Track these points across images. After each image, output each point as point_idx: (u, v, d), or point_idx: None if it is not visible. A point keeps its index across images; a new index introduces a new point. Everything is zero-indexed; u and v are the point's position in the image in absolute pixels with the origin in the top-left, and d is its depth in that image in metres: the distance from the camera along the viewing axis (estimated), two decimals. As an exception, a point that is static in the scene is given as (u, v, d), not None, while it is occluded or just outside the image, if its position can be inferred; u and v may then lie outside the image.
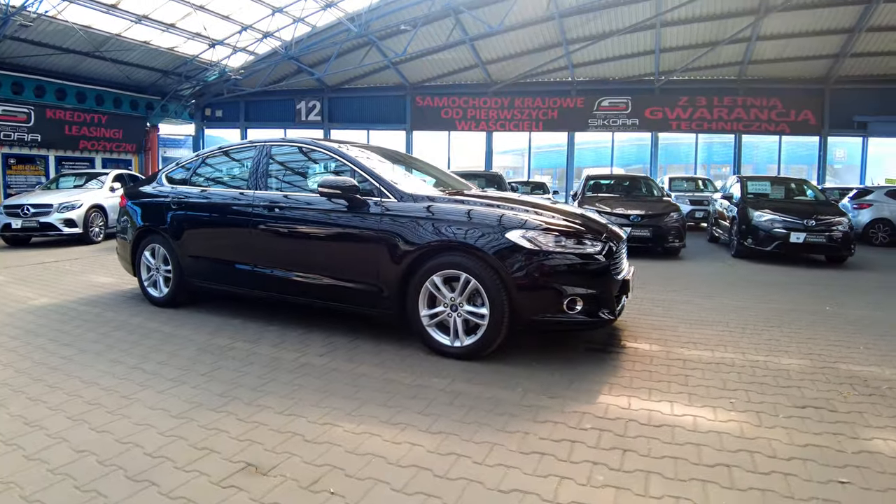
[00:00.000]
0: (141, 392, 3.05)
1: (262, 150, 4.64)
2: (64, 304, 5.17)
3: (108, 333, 4.20)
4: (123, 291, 5.84)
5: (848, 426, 2.78)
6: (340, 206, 3.96)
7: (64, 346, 3.88)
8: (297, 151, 4.66)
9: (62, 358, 3.62)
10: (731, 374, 3.57)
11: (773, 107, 19.41)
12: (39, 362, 3.53)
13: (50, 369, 3.40)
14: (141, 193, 5.32)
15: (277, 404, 2.89)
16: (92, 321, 4.55)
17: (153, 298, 5.12)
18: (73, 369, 3.40)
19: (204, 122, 22.58)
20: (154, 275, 5.11)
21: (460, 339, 3.55)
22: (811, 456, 2.46)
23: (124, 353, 3.74)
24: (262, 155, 4.60)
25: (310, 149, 4.56)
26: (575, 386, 3.24)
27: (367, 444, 2.43)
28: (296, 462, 2.29)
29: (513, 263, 3.38)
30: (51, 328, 4.33)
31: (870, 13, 15.37)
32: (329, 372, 3.39)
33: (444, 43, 18.10)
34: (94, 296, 5.60)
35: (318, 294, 4.14)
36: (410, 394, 3.04)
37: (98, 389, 3.08)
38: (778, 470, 2.33)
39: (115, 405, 2.86)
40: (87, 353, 3.71)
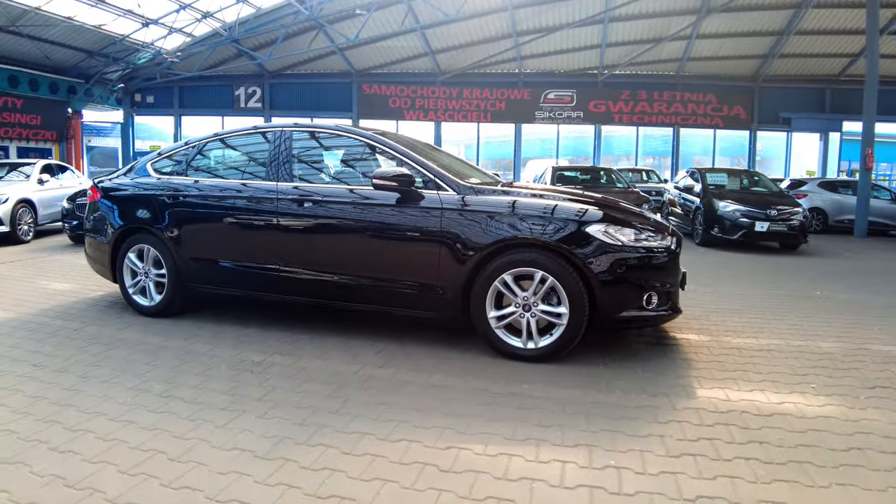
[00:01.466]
0: (197, 429, 2.48)
1: (281, 136, 4.09)
2: (27, 319, 4.26)
3: (105, 353, 3.51)
4: (92, 300, 4.95)
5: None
6: (388, 200, 3.61)
7: (57, 372, 3.15)
8: (326, 138, 4.27)
9: (65, 389, 2.91)
10: (788, 360, 3.66)
11: (709, 102, 20.47)
12: (37, 396, 2.83)
13: (56, 405, 2.71)
14: (121, 187, 4.54)
15: (375, 429, 2.51)
16: (75, 339, 3.80)
17: (141, 307, 4.38)
18: (87, 403, 2.74)
19: (134, 109, 20.99)
20: (142, 280, 4.38)
21: (535, 341, 3.36)
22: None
23: (139, 377, 3.11)
24: (282, 142, 4.06)
25: (340, 135, 4.17)
26: (664, 381, 3.19)
27: (513, 467, 2.20)
28: (446, 499, 1.99)
29: (595, 259, 3.26)
30: (27, 350, 3.54)
31: (799, 17, 16.47)
32: (403, 385, 3.07)
33: (394, 30, 17.73)
34: (58, 306, 4.67)
35: (365, 298, 3.74)
36: (513, 403, 2.82)
37: (137, 429, 2.46)
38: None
39: (176, 450, 2.28)
40: (92, 381, 3.04)
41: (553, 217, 3.37)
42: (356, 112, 20.95)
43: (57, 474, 2.09)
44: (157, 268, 4.33)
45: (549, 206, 3.45)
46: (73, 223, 8.73)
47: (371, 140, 3.98)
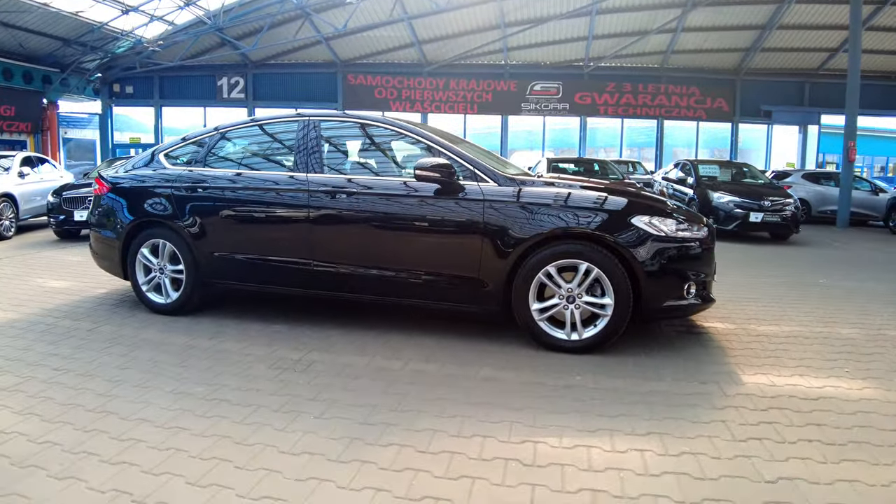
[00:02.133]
0: (257, 433, 2.37)
1: (308, 125, 3.97)
2: (34, 320, 4.04)
3: (130, 355, 3.34)
4: (97, 298, 4.72)
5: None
6: (427, 191, 3.55)
7: (84, 377, 2.97)
8: (354, 128, 4.19)
9: (99, 395, 2.73)
10: (815, 346, 3.75)
11: (692, 94, 20.74)
12: (70, 403, 2.64)
13: (94, 413, 2.53)
14: (132, 178, 4.32)
15: (443, 425, 2.46)
16: (92, 340, 3.60)
17: (156, 305, 4.21)
18: (127, 409, 2.57)
19: (112, 100, 20.42)
20: (157, 277, 4.20)
21: (578, 333, 3.36)
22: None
23: (175, 380, 2.95)
24: (309, 132, 3.95)
25: (371, 125, 4.09)
26: (709, 369, 3.24)
27: (595, 458, 2.20)
28: (541, 494, 1.97)
29: (641, 250, 3.28)
30: (42, 352, 3.34)
31: (781, 12, 16.77)
32: (453, 379, 3.02)
33: (382, 20, 17.56)
34: (62, 306, 4.45)
35: (403, 292, 3.69)
36: (570, 395, 2.82)
37: (191, 436, 2.32)
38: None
39: (241, 457, 2.16)
40: (124, 385, 2.87)
41: (599, 208, 3.38)
42: (341, 103, 20.70)
43: (119, 489, 1.95)
44: (173, 263, 4.16)
45: (595, 198, 3.46)
46: (59, 218, 8.47)
47: (406, 130, 3.91)
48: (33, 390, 2.79)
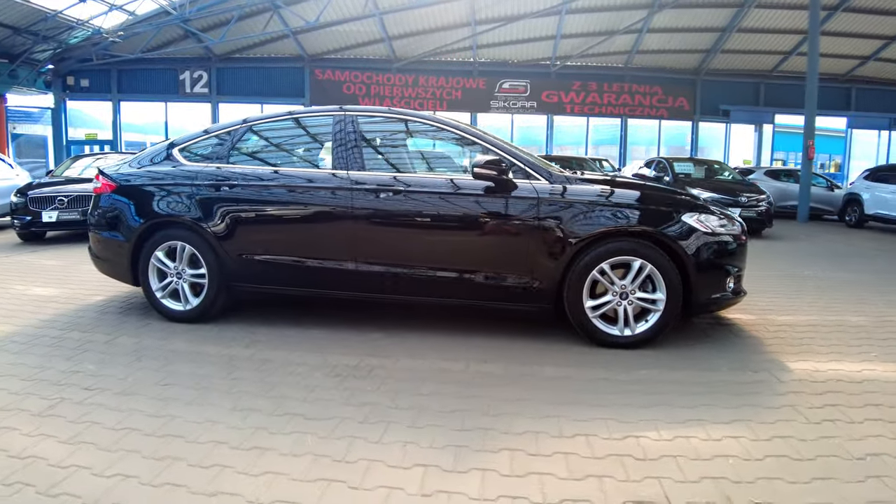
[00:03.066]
0: (352, 448, 2.23)
1: (346, 120, 3.84)
2: (36, 333, 3.68)
3: (165, 369, 3.08)
4: (98, 307, 4.38)
5: None
6: (477, 189, 3.52)
7: (123, 396, 2.71)
8: (395, 123, 4.10)
9: (151, 416, 2.49)
10: (834, 333, 3.97)
11: (655, 93, 21.36)
12: (122, 427, 2.38)
13: (156, 438, 2.29)
14: (144, 175, 4.05)
15: (542, 426, 2.43)
16: (113, 354, 3.31)
17: (173, 313, 3.94)
18: (192, 432, 2.35)
19: (66, 94, 19.39)
20: (174, 282, 3.93)
21: (631, 328, 3.43)
22: None
23: (229, 394, 2.75)
24: (346, 127, 3.82)
25: (412, 121, 4.01)
26: (755, 358, 3.39)
27: (700, 448, 2.25)
28: (670, 487, 1.99)
29: (692, 246, 3.39)
30: (62, 370, 3.04)
31: (741, 16, 17.49)
32: (522, 379, 2.97)
33: (353, 14, 17.34)
34: (61, 316, 4.08)
35: (451, 293, 3.62)
36: (642, 389, 2.87)
37: (281, 457, 2.16)
38: None
39: (354, 477, 2.04)
40: (175, 404, 2.62)
41: (651, 206, 3.48)
42: (308, 98, 20.36)
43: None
44: (192, 267, 3.90)
45: (646, 196, 3.56)
46: (24, 219, 8.06)
47: (450, 127, 3.88)
48: (72, 414, 2.51)
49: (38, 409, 2.55)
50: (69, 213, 8.16)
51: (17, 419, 2.45)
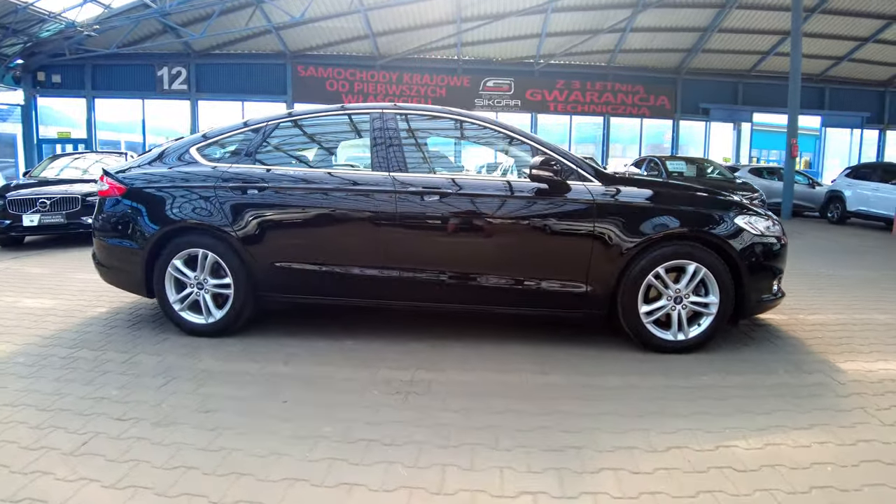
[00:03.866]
0: (445, 476, 2.08)
1: (385, 118, 3.67)
2: (36, 352, 3.34)
3: (200, 392, 2.80)
4: (100, 319, 4.06)
5: None
6: (528, 192, 3.42)
7: (164, 427, 2.42)
8: (438, 122, 3.95)
9: (202, 450, 2.22)
10: (867, 332, 4.02)
11: (636, 92, 21.58)
12: (174, 465, 2.11)
13: (218, 478, 2.04)
14: (159, 177, 3.73)
15: (630, 441, 2.37)
16: (137, 375, 3.02)
17: (193, 326, 3.66)
18: (256, 468, 2.11)
19: (36, 90, 18.62)
20: (194, 293, 3.65)
21: (684, 332, 3.39)
22: None
23: (285, 420, 2.51)
24: (386, 125, 3.64)
25: (455, 119, 3.86)
26: (805, 359, 3.39)
27: (794, 456, 2.23)
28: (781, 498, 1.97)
29: (744, 249, 3.38)
30: (80, 396, 2.72)
31: (722, 16, 17.78)
32: (591, 390, 2.86)
33: (338, 10, 17.07)
34: (63, 331, 3.76)
35: (501, 300, 3.50)
36: (710, 395, 2.83)
37: (373, 494, 1.97)
38: None
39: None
40: (229, 434, 2.37)
41: (705, 208, 3.45)
42: (291, 95, 20.02)
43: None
44: (216, 276, 3.63)
45: (701, 199, 3.53)
46: (3, 223, 7.64)
47: (497, 126, 3.79)
48: (111, 452, 2.21)
49: (69, 447, 2.24)
50: (52, 217, 7.81)
51: (48, 461, 2.13)
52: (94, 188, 8.12)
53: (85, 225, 7.72)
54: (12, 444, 2.26)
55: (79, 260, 6.52)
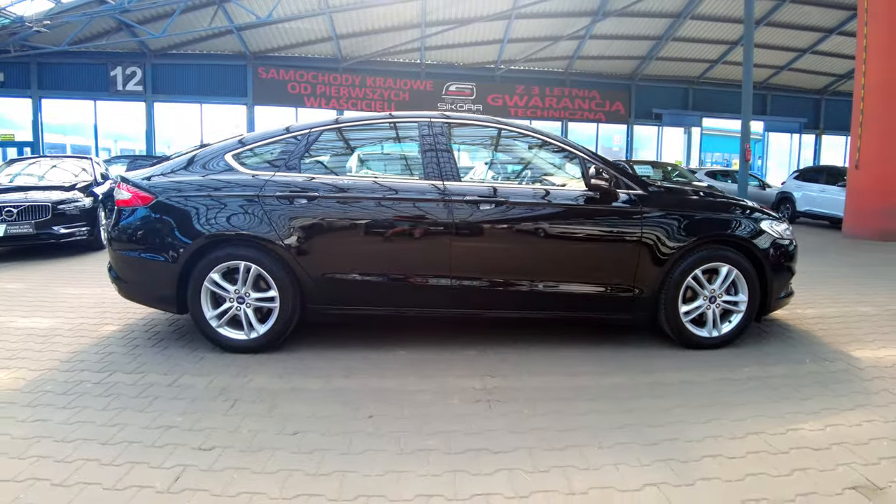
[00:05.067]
0: (590, 481, 2.12)
1: (433, 127, 3.69)
2: (66, 379, 3.08)
3: (274, 414, 2.69)
4: (117, 338, 3.82)
5: None
6: (578, 200, 3.56)
7: (253, 454, 2.32)
8: (485, 131, 4.06)
9: (319, 476, 2.16)
10: (861, 322, 4.39)
11: (593, 98, 22.34)
12: (296, 494, 2.04)
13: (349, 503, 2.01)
14: (190, 185, 3.56)
15: (718, 432, 2.61)
16: (192, 399, 2.85)
17: (234, 343, 3.51)
18: (386, 487, 2.09)
19: (-23, 88, 17.60)
20: (234, 308, 3.51)
21: (718, 329, 3.64)
22: None
23: (381, 437, 2.48)
24: (435, 134, 3.67)
25: (498, 127, 3.96)
26: (820, 350, 3.72)
27: (854, 434, 2.49)
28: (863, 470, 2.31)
29: (770, 252, 3.69)
30: (147, 427, 2.54)
31: (676, 25, 18.65)
32: (655, 388, 3.01)
33: (303, 10, 16.89)
34: (81, 353, 3.51)
35: (553, 305, 3.61)
36: (763, 386, 3.06)
37: (508, 502, 2.01)
38: None
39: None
40: (331, 454, 2.32)
41: (737, 215, 3.74)
42: (251, 98, 19.66)
43: None
44: (258, 290, 3.51)
45: (733, 205, 3.81)
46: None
47: (540, 135, 3.91)
48: (213, 485, 2.08)
49: (162, 484, 2.08)
50: (19, 227, 7.19)
51: (146, 500, 2.00)
52: (67, 196, 7.84)
53: (56, 235, 7.33)
54: (94, 485, 2.08)
55: (58, 273, 6.21)
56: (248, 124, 19.70)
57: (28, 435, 2.44)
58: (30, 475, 2.13)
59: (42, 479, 2.10)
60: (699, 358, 3.54)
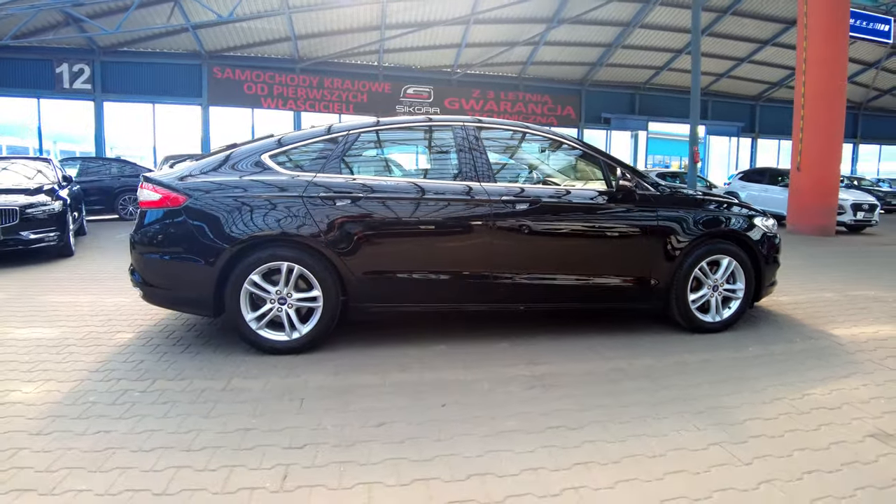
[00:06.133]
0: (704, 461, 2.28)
1: (464, 131, 3.91)
2: (110, 389, 3.02)
3: (353, 411, 2.77)
4: (139, 346, 3.74)
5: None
6: (605, 200, 3.92)
7: (348, 449, 2.40)
8: (513, 135, 4.27)
9: (431, 461, 2.30)
10: (829, 306, 4.97)
11: (545, 102, 23.07)
12: (400, 483, 2.16)
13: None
14: (226, 186, 3.56)
15: (763, 398, 3.11)
16: (255, 401, 2.88)
17: (273, 344, 3.55)
18: (532, 482, 2.13)
19: None
20: (275, 309, 3.56)
21: (720, 314, 4.11)
22: None
23: (466, 422, 2.65)
24: (467, 138, 3.89)
25: (528, 133, 4.22)
26: (806, 330, 4.25)
27: (861, 394, 2.98)
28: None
29: (763, 245, 4.19)
30: (216, 433, 2.54)
31: (626, 33, 19.59)
32: (686, 367, 3.51)
33: (262, 9, 16.69)
34: (110, 363, 3.41)
35: (581, 296, 3.95)
36: (773, 361, 3.52)
37: (636, 460, 2.29)
38: None
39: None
40: (426, 441, 2.44)
41: (735, 213, 4.21)
42: (206, 98, 19.20)
43: None
44: (299, 290, 3.59)
45: (731, 204, 4.26)
46: None
47: (568, 140, 4.22)
48: (329, 480, 2.16)
49: (272, 485, 2.14)
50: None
51: (262, 500, 2.05)
52: (34, 200, 7.52)
53: (25, 241, 7.00)
54: (201, 490, 2.10)
55: (35, 281, 5.94)
56: (202, 125, 19.25)
57: (97, 447, 2.39)
58: (123, 487, 2.10)
59: (139, 489, 2.08)
60: (706, 341, 3.97)
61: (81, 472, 2.21)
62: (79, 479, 2.16)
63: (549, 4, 18.11)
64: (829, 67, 10.34)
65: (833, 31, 10.39)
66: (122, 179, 13.31)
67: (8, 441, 2.46)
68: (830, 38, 10.35)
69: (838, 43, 10.47)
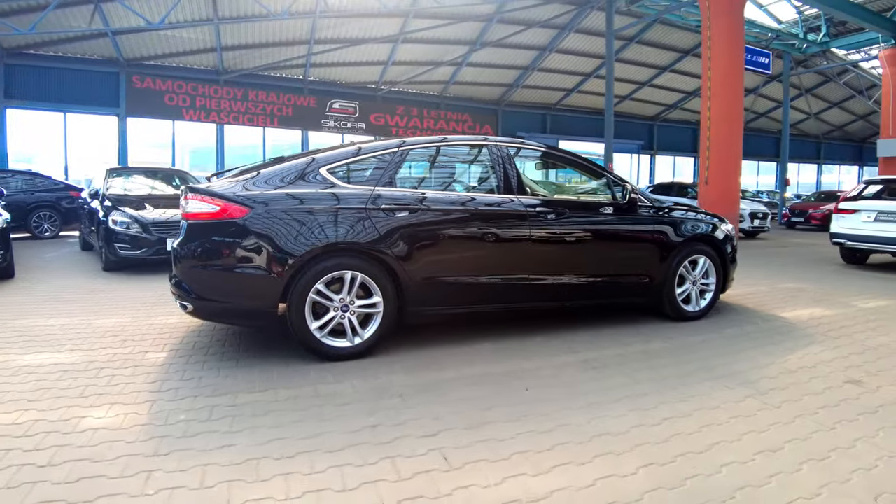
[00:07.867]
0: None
1: (497, 149, 4.40)
2: (190, 405, 2.98)
3: (443, 406, 2.96)
4: (180, 364, 3.66)
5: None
6: (616, 211, 4.64)
7: (476, 446, 2.55)
8: (535, 152, 5.00)
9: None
10: (774, 295, 6.12)
11: (465, 121, 24.16)
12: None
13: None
14: (293, 198, 3.69)
15: (759, 364, 4.03)
16: (361, 400, 3.06)
17: (336, 351, 3.70)
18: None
19: None
20: (339, 317, 3.71)
21: (699, 305, 5.00)
22: None
23: (554, 401, 3.05)
24: (502, 154, 4.39)
25: (544, 152, 4.97)
26: (759, 314, 5.29)
27: (827, 356, 3.99)
28: None
29: (727, 246, 5.19)
30: (340, 435, 2.64)
31: (542, 57, 21.13)
32: (694, 346, 4.42)
33: (189, 18, 16.29)
34: (167, 382, 3.32)
35: (599, 294, 4.62)
36: (748, 338, 4.54)
37: (709, 413, 2.91)
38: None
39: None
40: (548, 437, 2.60)
41: (709, 219, 5.17)
42: (124, 108, 18.26)
43: None
44: (361, 297, 3.78)
45: (704, 212, 5.22)
46: None
47: (577, 158, 4.96)
48: (483, 478, 2.27)
49: (442, 465, 2.37)
50: None
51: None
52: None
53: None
54: (380, 481, 2.24)
55: (8, 300, 5.62)
56: (119, 137, 18.28)
57: (235, 461, 2.39)
58: (301, 490, 2.17)
59: (319, 489, 2.19)
60: (692, 326, 4.84)
61: (240, 483, 2.22)
62: (248, 490, 2.17)
63: (475, 27, 19.17)
64: (730, 95, 12.07)
65: (733, 65, 12.15)
66: (35, 194, 12.50)
67: (126, 465, 2.34)
68: (731, 69, 12.10)
69: (737, 74, 12.25)
